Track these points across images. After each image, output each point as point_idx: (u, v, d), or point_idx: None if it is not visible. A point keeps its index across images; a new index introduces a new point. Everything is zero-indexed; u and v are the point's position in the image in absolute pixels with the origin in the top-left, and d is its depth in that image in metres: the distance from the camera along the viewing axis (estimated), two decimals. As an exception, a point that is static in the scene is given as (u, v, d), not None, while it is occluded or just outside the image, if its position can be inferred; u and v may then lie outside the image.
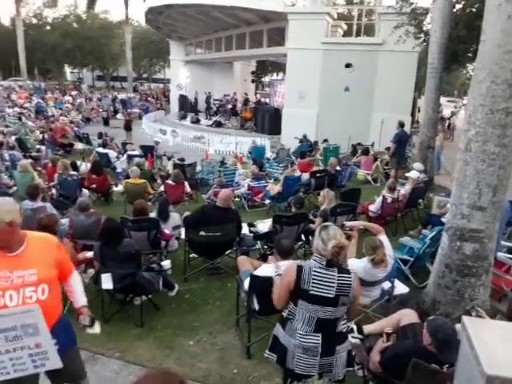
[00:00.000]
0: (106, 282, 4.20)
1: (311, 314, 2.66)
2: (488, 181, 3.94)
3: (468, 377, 1.62)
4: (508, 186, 4.05)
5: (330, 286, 2.62)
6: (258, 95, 28.84)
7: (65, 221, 5.64)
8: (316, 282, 2.62)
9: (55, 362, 2.28)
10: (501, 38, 3.75)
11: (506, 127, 3.84)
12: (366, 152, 12.19)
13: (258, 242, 5.73)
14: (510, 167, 3.98)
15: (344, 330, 2.87)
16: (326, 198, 6.27)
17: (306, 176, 9.44)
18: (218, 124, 22.49)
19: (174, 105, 29.20)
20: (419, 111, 21.71)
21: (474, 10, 9.43)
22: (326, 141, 14.12)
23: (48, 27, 42.40)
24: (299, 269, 2.67)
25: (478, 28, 4.08)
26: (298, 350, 2.69)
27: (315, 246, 2.72)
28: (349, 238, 4.41)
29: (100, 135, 14.40)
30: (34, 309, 2.20)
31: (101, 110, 27.49)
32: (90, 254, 4.73)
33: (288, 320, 2.77)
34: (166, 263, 4.98)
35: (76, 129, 19.37)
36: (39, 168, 10.52)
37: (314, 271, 2.64)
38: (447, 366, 2.64)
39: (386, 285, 4.18)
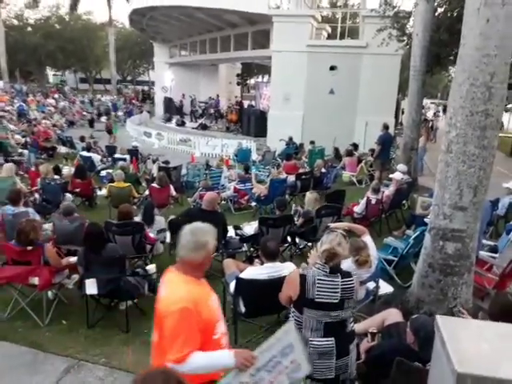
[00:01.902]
0: (91, 287, 4.15)
1: (318, 319, 2.67)
2: (469, 181, 4.02)
3: (440, 375, 1.65)
4: (488, 186, 4.14)
5: (335, 292, 2.64)
6: (237, 97, 28.80)
7: (48, 226, 5.56)
8: (321, 289, 2.64)
9: (306, 369, 2.22)
10: (480, 42, 3.84)
11: (486, 129, 3.92)
12: (349, 153, 12.29)
13: (244, 244, 5.73)
14: (490, 168, 4.07)
15: (353, 329, 2.89)
16: (309, 200, 6.35)
17: (291, 178, 9.49)
18: (204, 127, 22.43)
19: (159, 107, 29.03)
20: (403, 113, 21.99)
21: (455, 14, 9.60)
22: (312, 143, 14.20)
23: (29, 28, 41.69)
24: (302, 278, 2.68)
25: (459, 32, 4.16)
26: (314, 356, 2.68)
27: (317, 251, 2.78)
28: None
29: (82, 138, 14.21)
30: (291, 327, 2.14)
31: (85, 112, 27.19)
32: (73, 259, 4.67)
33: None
34: (151, 267, 4.93)
35: (59, 132, 19.11)
36: (21, 172, 10.35)
37: (319, 279, 2.65)
38: (430, 363, 2.67)
39: (371, 285, 4.22)
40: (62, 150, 15.30)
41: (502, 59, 3.85)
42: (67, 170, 10.18)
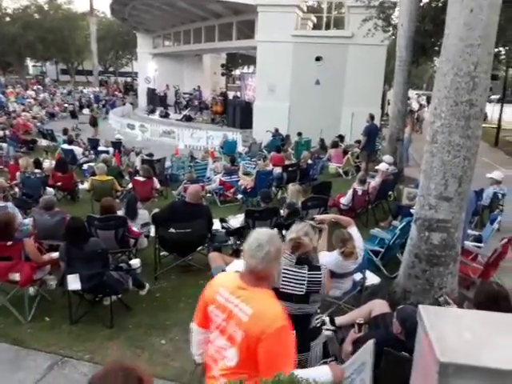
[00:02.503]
0: (73, 282, 4.06)
1: None
2: (454, 172, 4.02)
3: (423, 365, 1.63)
4: (472, 176, 4.15)
5: (301, 284, 2.60)
6: (222, 88, 28.59)
7: (28, 220, 5.43)
8: (286, 279, 2.60)
9: None
10: (463, 32, 3.82)
11: (470, 119, 3.92)
12: (335, 145, 12.30)
13: (231, 237, 5.68)
14: (474, 158, 4.08)
15: (318, 325, 2.86)
16: (292, 192, 6.33)
17: (278, 170, 9.45)
18: (188, 118, 22.22)
19: (142, 99, 28.64)
20: (389, 104, 22.10)
21: (439, 4, 9.62)
22: (299, 134, 14.16)
23: (8, 18, 40.57)
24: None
25: (444, 22, 4.14)
26: None
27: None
28: (320, 231, 4.43)
29: (66, 131, 13.95)
30: (370, 346, 2.07)
31: (66, 104, 26.68)
32: (55, 254, 4.56)
33: None
34: (135, 262, 4.85)
35: (39, 124, 18.71)
36: (1, 166, 10.10)
37: (284, 269, 2.62)
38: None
39: (358, 276, 4.22)
40: (43, 142, 15.02)
41: (486, 49, 3.84)
42: (48, 163, 9.97)
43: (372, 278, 4.49)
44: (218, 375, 2.04)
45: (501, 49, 12.28)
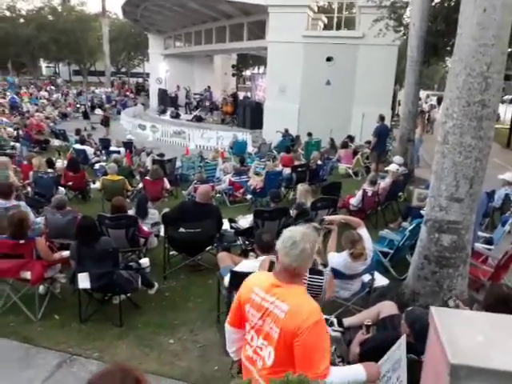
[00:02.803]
0: (83, 281, 4.10)
1: None
2: (465, 173, 3.98)
3: (435, 366, 1.62)
4: (484, 177, 4.10)
5: None
6: (233, 89, 28.65)
7: (40, 219, 5.50)
8: None
9: None
10: (476, 31, 3.79)
11: (482, 119, 3.88)
12: (345, 145, 12.25)
13: (239, 237, 5.69)
14: (486, 159, 4.03)
15: None
16: (300, 193, 6.32)
17: (287, 171, 9.44)
18: (199, 119, 22.29)
19: (154, 99, 28.81)
20: (399, 105, 21.92)
21: (452, 3, 9.53)
22: (309, 135, 14.12)
23: (22, 20, 41.17)
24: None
25: (456, 21, 4.11)
26: None
27: None
28: (329, 232, 4.42)
29: (78, 131, 14.10)
30: (402, 342, 2.09)
31: (78, 105, 26.98)
32: (66, 253, 4.61)
33: None
34: (145, 261, 4.89)
35: (52, 125, 18.94)
36: (14, 166, 10.24)
37: None
38: (424, 355, 2.66)
39: (366, 277, 4.20)
40: (55, 142, 15.18)
41: (499, 49, 3.80)
42: (60, 163, 10.09)
43: (381, 280, 4.46)
44: (257, 377, 2.07)
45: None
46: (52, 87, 34.67)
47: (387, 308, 3.44)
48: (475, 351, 1.58)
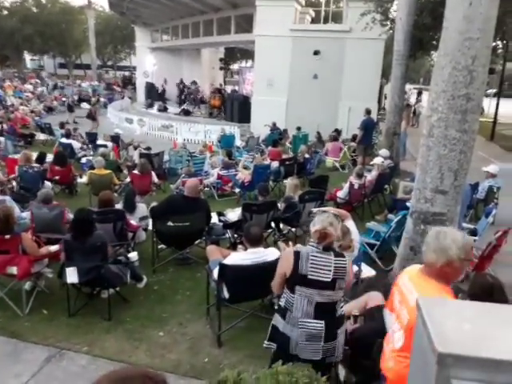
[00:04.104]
0: (71, 275, 4.08)
1: (309, 299, 2.68)
2: (450, 165, 4.05)
3: (422, 356, 1.66)
4: (468, 170, 4.18)
5: (328, 270, 2.66)
6: (219, 83, 28.54)
7: (26, 214, 5.43)
8: (314, 266, 2.66)
9: None
10: (462, 25, 3.83)
11: (467, 113, 3.94)
12: (334, 138, 12.32)
13: (228, 230, 5.71)
14: (470, 152, 4.10)
15: (342, 313, 2.92)
16: (289, 186, 6.38)
17: (275, 164, 9.46)
18: (186, 112, 22.15)
19: (141, 93, 28.52)
20: (386, 98, 22.08)
21: (437, -3, 9.59)
22: (298, 129, 14.16)
23: (5, 12, 40.28)
24: (296, 254, 2.70)
25: (442, 15, 4.15)
26: (302, 338, 2.72)
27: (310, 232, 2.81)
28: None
29: (62, 125, 13.90)
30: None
31: (64, 98, 26.57)
32: (53, 247, 4.58)
33: (287, 310, 2.78)
34: (133, 255, 4.88)
35: (37, 119, 18.62)
36: (-2, 160, 10.09)
37: (312, 255, 2.67)
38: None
39: (354, 269, 4.24)
40: (41, 136, 14.95)
41: (484, 43, 3.86)
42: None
43: (368, 271, 4.53)
44: (388, 356, 2.27)
45: (498, 42, 12.27)
46: (37, 80, 34.05)
47: (374, 299, 3.49)
48: (463, 340, 1.61)
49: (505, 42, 12.90)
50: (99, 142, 11.78)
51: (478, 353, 1.52)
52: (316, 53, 16.67)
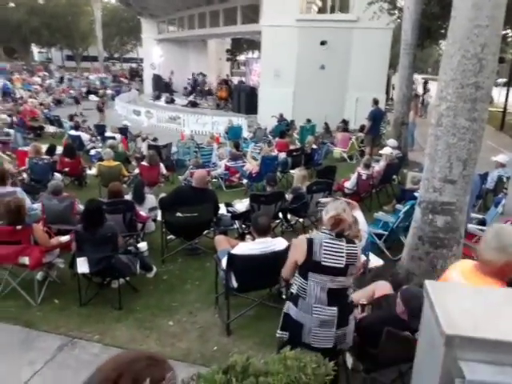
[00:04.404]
0: (82, 265, 4.14)
1: (322, 286, 2.72)
2: (458, 154, 4.02)
3: (429, 339, 1.68)
4: (477, 159, 4.15)
5: (341, 256, 2.70)
6: (226, 75, 28.45)
7: (37, 205, 5.50)
8: (327, 252, 2.69)
9: None
10: (471, 12, 3.78)
11: (476, 101, 3.90)
12: (344, 129, 12.27)
13: (236, 221, 5.74)
14: (480, 141, 4.07)
15: (352, 300, 2.96)
16: (297, 177, 6.39)
17: (282, 155, 9.46)
18: (193, 104, 22.14)
19: (148, 85, 28.53)
20: (393, 88, 21.87)
21: (446, -15, 9.44)
22: (309, 121, 14.12)
23: (12, 4, 40.33)
24: (310, 242, 2.73)
25: (450, 4, 4.10)
26: (315, 324, 2.75)
27: (323, 219, 2.83)
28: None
29: (71, 117, 13.98)
30: None
31: (71, 91, 26.69)
32: (64, 238, 4.65)
33: (299, 297, 2.80)
34: (143, 245, 4.94)
35: (46, 111, 18.73)
36: (9, 152, 10.19)
37: (325, 242, 2.71)
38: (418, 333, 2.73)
39: (361, 258, 4.26)
40: (50, 129, 15.06)
41: (494, 30, 3.80)
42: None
43: (375, 261, 4.54)
44: None
45: (508, 31, 12.07)
46: (45, 73, 34.18)
47: (382, 288, 3.51)
48: (469, 322, 1.64)
49: (515, 30, 12.67)
50: (107, 133, 11.83)
51: (483, 334, 1.55)
52: (323, 43, 16.52)
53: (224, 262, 3.87)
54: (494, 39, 3.82)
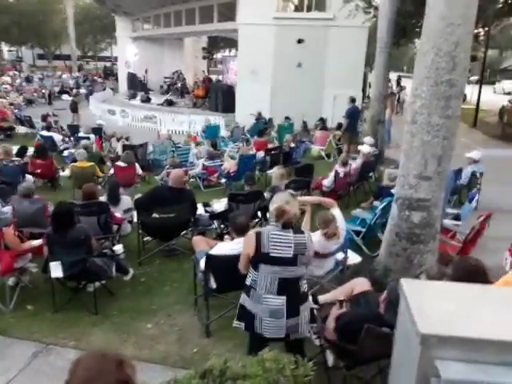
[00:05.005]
0: (55, 270, 4.01)
1: (273, 276, 2.78)
2: (433, 151, 4.08)
3: (405, 337, 1.68)
4: (451, 156, 4.22)
5: (288, 247, 2.76)
6: (204, 72, 28.31)
7: (7, 209, 5.31)
8: (274, 243, 2.76)
9: None
10: (444, 11, 3.85)
11: (450, 99, 3.97)
12: (323, 127, 12.35)
13: (214, 221, 5.68)
14: (454, 138, 4.14)
15: (305, 291, 2.98)
16: (276, 176, 6.38)
17: (261, 154, 9.44)
18: (170, 103, 21.91)
19: (123, 83, 28.08)
20: (370, 86, 22.13)
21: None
22: (287, 118, 14.13)
23: (-21, 2, 39.08)
24: (258, 235, 2.80)
25: (425, 3, 4.15)
26: (265, 314, 2.82)
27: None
28: (303, 212, 4.46)
29: (44, 117, 13.60)
30: None
31: (43, 90, 26.01)
32: (36, 242, 4.50)
33: (251, 288, 2.88)
34: (119, 248, 4.83)
35: (16, 111, 18.18)
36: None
37: (272, 234, 2.78)
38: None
39: (340, 255, 4.28)
40: (21, 129, 14.63)
41: (466, 29, 3.88)
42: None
43: (354, 257, 4.57)
44: None
45: (480, 30, 12.38)
46: (15, 72, 33.22)
47: (360, 284, 3.53)
48: (444, 320, 1.64)
49: (486, 29, 13.01)
50: (81, 134, 11.56)
51: (459, 332, 1.55)
52: (300, 41, 16.59)
53: (202, 263, 3.81)
54: (466, 37, 3.89)
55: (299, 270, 2.84)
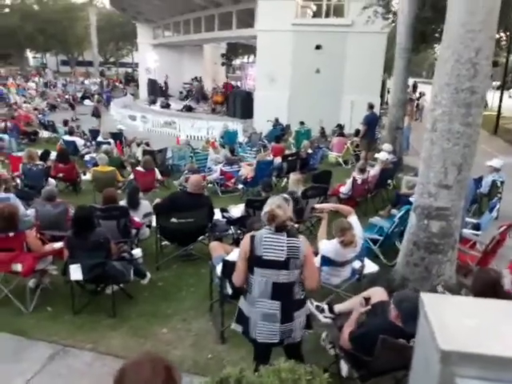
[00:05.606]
0: (75, 272, 4.09)
1: (266, 279, 2.79)
2: (453, 159, 4.02)
3: (425, 354, 1.64)
4: (472, 164, 4.15)
5: (281, 250, 2.76)
6: (227, 80, 28.53)
7: (30, 212, 5.44)
8: (267, 246, 2.77)
9: None
10: (465, 17, 3.80)
11: (471, 106, 3.91)
12: (340, 134, 12.28)
13: (231, 227, 5.70)
14: (474, 146, 4.07)
15: (302, 297, 2.96)
16: (292, 181, 6.39)
17: (278, 160, 9.44)
18: (189, 109, 22.13)
19: (143, 89, 28.53)
20: (388, 92, 21.94)
21: (439, -10, 9.50)
22: (302, 123, 14.12)
23: (7, 10, 40.28)
24: (252, 238, 2.83)
25: (444, 8, 4.11)
26: (258, 317, 2.83)
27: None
28: (319, 220, 4.45)
29: (66, 122, 13.92)
30: None
31: (66, 96, 26.63)
32: (57, 245, 4.59)
33: (247, 291, 2.91)
34: (137, 251, 4.88)
35: (40, 116, 18.66)
36: (2, 158, 10.11)
37: (265, 237, 2.79)
38: (414, 339, 2.70)
39: (357, 264, 4.24)
40: (44, 134, 14.99)
41: (487, 34, 3.82)
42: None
43: (371, 266, 4.51)
44: None
45: (502, 34, 12.17)
46: (40, 78, 34.10)
47: (377, 294, 3.49)
48: (466, 337, 1.60)
49: (508, 33, 12.78)
50: (99, 139, 11.77)
51: (481, 350, 1.51)
52: (318, 47, 16.60)
53: (219, 269, 3.83)
54: (487, 43, 3.84)
55: (292, 274, 2.81)
